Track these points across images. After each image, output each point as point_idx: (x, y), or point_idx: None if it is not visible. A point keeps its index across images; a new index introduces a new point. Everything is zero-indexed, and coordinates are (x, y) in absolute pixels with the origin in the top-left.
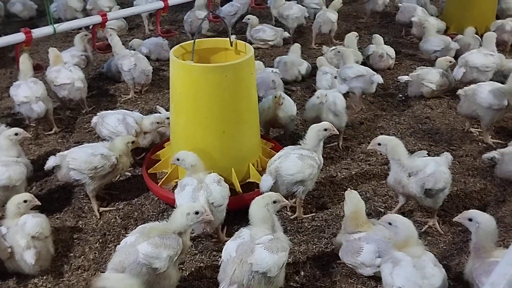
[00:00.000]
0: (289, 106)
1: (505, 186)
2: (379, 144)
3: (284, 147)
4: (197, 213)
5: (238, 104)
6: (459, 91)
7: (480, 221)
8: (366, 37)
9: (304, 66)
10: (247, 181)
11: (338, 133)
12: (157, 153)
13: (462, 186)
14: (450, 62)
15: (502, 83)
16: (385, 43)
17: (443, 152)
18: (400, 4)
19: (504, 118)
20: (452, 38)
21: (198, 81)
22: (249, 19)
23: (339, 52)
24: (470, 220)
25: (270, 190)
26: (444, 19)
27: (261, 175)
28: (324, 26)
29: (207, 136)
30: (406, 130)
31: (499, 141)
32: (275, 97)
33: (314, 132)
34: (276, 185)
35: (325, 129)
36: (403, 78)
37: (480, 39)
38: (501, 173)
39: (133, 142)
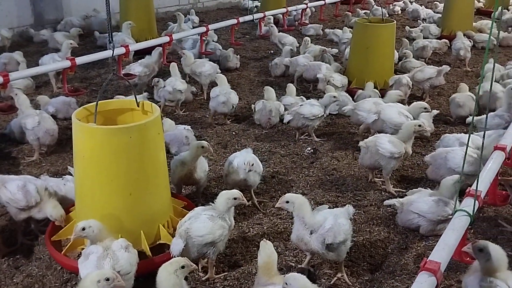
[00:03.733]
0: (203, 161)
1: (407, 234)
2: (287, 202)
3: (195, 208)
4: (107, 279)
5: (145, 165)
6: (360, 143)
7: (291, 283)
8: (277, 91)
9: None
10: (158, 242)
11: (247, 202)
12: None
13: (367, 236)
14: None
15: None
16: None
17: (349, 202)
18: (305, 63)
19: (404, 167)
20: (354, 92)
21: (102, 143)
22: (158, 81)
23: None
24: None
25: (182, 252)
26: (347, 74)
27: (172, 236)
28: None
29: (113, 199)
30: (315, 182)
31: (400, 190)
32: (202, 147)
33: (224, 199)
34: (187, 247)
35: (235, 198)
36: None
37: (378, 93)
38: (401, 221)
39: None
